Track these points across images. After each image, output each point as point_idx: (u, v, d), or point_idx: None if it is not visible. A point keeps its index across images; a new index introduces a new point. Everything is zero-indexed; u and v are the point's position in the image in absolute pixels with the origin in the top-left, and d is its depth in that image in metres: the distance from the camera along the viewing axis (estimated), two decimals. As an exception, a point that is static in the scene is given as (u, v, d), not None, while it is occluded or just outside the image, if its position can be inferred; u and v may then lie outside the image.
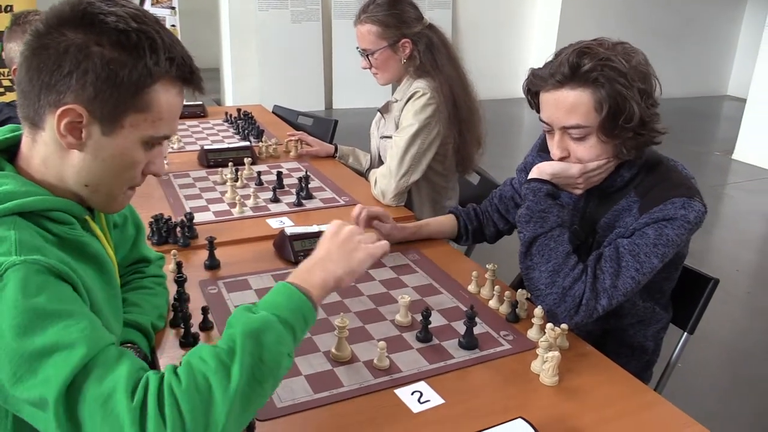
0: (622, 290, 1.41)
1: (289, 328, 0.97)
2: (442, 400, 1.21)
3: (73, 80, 0.95)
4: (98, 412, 0.82)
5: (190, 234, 1.85)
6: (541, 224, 1.47)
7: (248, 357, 0.89)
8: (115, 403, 0.83)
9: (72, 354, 0.84)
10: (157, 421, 0.82)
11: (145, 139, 1.03)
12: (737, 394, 2.79)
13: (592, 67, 1.37)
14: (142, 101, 0.99)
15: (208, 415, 0.84)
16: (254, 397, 0.90)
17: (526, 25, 8.71)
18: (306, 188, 2.25)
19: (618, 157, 1.47)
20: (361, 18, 2.30)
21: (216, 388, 0.86)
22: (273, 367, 0.92)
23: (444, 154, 2.33)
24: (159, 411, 0.83)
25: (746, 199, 5.44)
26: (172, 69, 1.01)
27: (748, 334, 3.33)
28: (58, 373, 0.83)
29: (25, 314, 0.85)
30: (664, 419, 1.19)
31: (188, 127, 3.20)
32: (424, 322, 1.40)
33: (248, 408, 0.90)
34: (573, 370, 1.32)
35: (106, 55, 0.95)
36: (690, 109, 8.70)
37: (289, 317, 0.98)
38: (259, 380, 0.90)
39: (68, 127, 0.97)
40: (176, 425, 0.82)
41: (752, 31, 9.03)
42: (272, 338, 0.93)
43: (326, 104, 7.76)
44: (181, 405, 0.84)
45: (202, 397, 0.85)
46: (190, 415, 0.83)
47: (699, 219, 1.43)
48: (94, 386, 0.84)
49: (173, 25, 6.15)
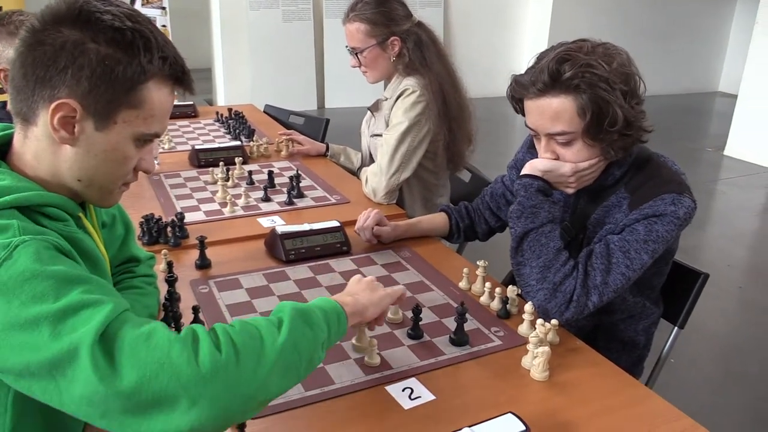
0: (612, 287, 1.42)
1: (326, 322, 1.04)
2: (432, 396, 1.21)
3: (68, 75, 0.96)
4: (141, 346, 0.82)
5: (181, 234, 1.85)
6: (532, 220, 1.47)
7: (295, 325, 0.96)
8: (159, 337, 0.84)
9: (101, 308, 0.84)
10: (210, 348, 0.84)
11: (136, 136, 1.04)
12: (729, 388, 2.80)
13: (573, 75, 1.37)
14: (135, 98, 1.01)
15: (259, 355, 0.88)
16: (292, 368, 0.93)
17: (517, 23, 8.73)
18: (297, 187, 2.25)
19: (606, 158, 1.48)
20: (350, 16, 2.30)
21: (266, 338, 0.91)
22: (311, 348, 0.98)
23: (434, 151, 2.33)
24: (212, 341, 0.86)
25: (737, 195, 5.46)
26: (165, 68, 1.03)
27: (739, 329, 3.35)
28: (90, 321, 0.82)
29: (46, 281, 0.85)
30: (654, 413, 1.20)
31: (179, 127, 3.19)
32: (414, 319, 1.41)
33: (286, 375, 0.92)
34: (563, 365, 1.33)
35: (102, 51, 0.97)
36: (682, 105, 8.73)
37: (327, 313, 1.06)
38: (299, 351, 0.94)
39: (62, 122, 0.98)
40: (230, 353, 0.85)
41: (743, 28, 9.07)
42: (316, 320, 1.01)
43: (318, 104, 7.75)
44: (234, 339, 0.87)
45: (254, 341, 0.89)
46: (243, 348, 0.86)
47: (689, 215, 1.43)
48: (131, 330, 0.84)
49: (164, 26, 6.14)
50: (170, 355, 0.82)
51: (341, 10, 2.45)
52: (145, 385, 0.80)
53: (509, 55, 8.65)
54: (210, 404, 0.82)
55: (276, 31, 7.27)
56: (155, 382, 0.80)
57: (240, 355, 0.85)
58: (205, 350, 0.83)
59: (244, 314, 1.48)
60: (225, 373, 0.83)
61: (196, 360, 0.83)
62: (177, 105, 3.62)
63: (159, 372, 0.81)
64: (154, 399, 0.80)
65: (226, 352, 0.85)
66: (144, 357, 0.81)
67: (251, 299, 1.55)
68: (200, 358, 0.83)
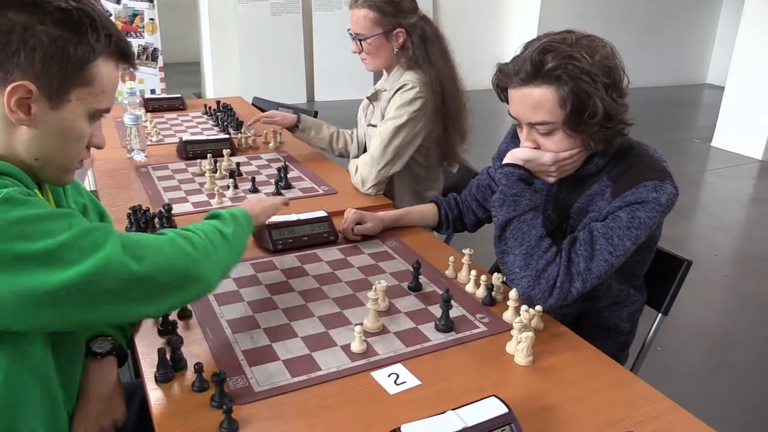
0: (596, 273, 1.44)
1: (245, 222, 1.42)
2: (418, 382, 1.23)
3: (21, 57, 0.99)
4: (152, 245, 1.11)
5: (169, 225, 1.85)
6: (514, 208, 1.49)
7: (236, 222, 1.35)
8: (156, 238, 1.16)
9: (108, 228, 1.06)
10: (197, 240, 1.22)
11: (90, 112, 1.09)
12: (715, 377, 2.84)
13: (555, 66, 1.39)
14: (87, 75, 1.05)
15: (222, 243, 1.27)
16: (239, 250, 1.37)
17: (506, 15, 8.74)
18: (285, 178, 2.26)
19: (586, 149, 1.49)
20: (359, 2, 2.27)
21: (224, 231, 1.30)
22: (244, 237, 1.40)
23: (428, 147, 2.33)
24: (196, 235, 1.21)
25: (724, 186, 5.50)
26: (111, 45, 1.08)
27: (725, 318, 3.39)
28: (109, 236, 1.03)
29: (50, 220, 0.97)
30: (636, 395, 1.22)
31: (167, 119, 3.18)
32: (414, 275, 1.58)
33: (238, 255, 1.36)
34: (547, 350, 1.34)
35: (52, 32, 1.00)
36: (670, 97, 8.78)
37: (246, 217, 1.43)
38: (240, 240, 1.37)
39: (18, 103, 1.01)
40: (207, 244, 1.22)
41: (730, 20, 9.11)
42: (242, 221, 1.40)
43: (308, 97, 7.74)
44: (209, 236, 1.24)
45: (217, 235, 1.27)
46: (214, 240, 1.25)
47: (671, 201, 1.45)
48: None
49: (152, 19, 6.09)
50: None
51: (330, 2, 2.45)
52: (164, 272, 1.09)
53: (498, 47, 8.66)
54: (207, 277, 1.18)
55: (265, 24, 7.25)
56: (175, 266, 1.11)
57: (214, 243, 1.22)
58: (196, 241, 1.18)
59: (232, 303, 1.49)
60: (214, 254, 1.21)
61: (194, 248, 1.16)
62: (165, 98, 3.62)
63: (175, 260, 1.12)
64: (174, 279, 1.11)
65: (205, 242, 1.20)
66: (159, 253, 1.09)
67: (239, 288, 1.56)
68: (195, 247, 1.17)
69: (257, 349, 1.32)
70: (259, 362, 1.27)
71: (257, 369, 1.25)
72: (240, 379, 1.22)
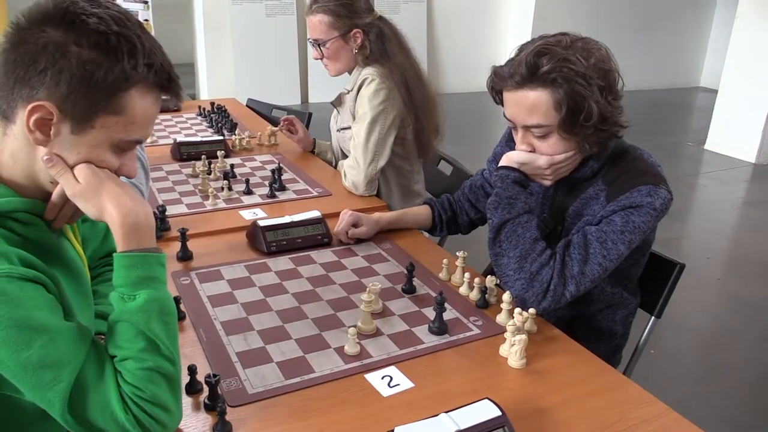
0: (589, 277, 1.44)
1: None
2: (411, 384, 1.23)
3: (47, 77, 0.95)
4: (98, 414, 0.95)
5: (163, 226, 1.85)
6: (508, 210, 1.49)
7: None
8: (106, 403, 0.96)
9: (62, 373, 0.93)
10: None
11: (114, 142, 1.03)
12: (709, 379, 2.85)
13: (550, 68, 1.39)
14: (116, 104, 0.99)
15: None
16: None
17: (501, 17, 8.75)
18: (279, 180, 2.26)
19: (581, 151, 1.50)
20: (313, 8, 2.31)
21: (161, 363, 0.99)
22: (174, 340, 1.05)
23: (403, 136, 2.35)
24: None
25: (717, 189, 5.52)
26: (150, 75, 1.01)
27: (718, 321, 3.40)
28: (56, 385, 0.92)
29: (10, 329, 0.90)
30: (628, 398, 1.23)
31: (161, 121, 3.18)
32: (408, 278, 1.57)
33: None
34: (541, 353, 1.35)
35: (84, 55, 0.95)
36: (664, 100, 8.80)
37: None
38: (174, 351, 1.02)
39: (37, 123, 0.97)
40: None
41: (724, 24, 9.14)
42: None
43: (302, 98, 7.73)
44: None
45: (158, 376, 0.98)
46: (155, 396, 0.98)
47: (665, 206, 1.45)
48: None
49: (146, 20, 6.09)
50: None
51: (325, 4, 2.44)
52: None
53: (493, 49, 8.66)
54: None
55: (259, 26, 7.25)
56: None
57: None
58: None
59: (226, 305, 1.49)
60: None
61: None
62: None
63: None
64: None
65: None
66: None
67: (232, 290, 1.56)
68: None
69: (251, 351, 1.32)
70: (253, 364, 1.27)
71: (251, 371, 1.25)
72: (233, 380, 1.22)
